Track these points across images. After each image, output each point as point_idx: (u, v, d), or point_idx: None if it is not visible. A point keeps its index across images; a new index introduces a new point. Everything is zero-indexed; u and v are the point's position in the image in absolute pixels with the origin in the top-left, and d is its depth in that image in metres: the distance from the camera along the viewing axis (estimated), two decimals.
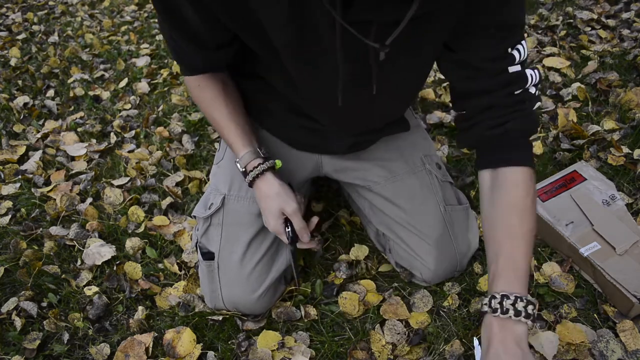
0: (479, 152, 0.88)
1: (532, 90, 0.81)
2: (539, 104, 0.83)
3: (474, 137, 0.86)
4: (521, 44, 0.77)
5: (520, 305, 0.71)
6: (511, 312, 0.71)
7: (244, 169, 0.96)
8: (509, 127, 0.80)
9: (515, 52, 0.77)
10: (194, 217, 1.14)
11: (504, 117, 0.80)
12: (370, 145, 1.11)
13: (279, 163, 0.99)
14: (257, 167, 0.95)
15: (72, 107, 2.02)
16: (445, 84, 1.85)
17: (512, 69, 0.78)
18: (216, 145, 1.70)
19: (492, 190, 0.83)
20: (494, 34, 0.75)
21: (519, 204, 0.79)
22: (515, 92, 0.79)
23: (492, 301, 0.73)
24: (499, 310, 0.72)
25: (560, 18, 2.13)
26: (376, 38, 0.68)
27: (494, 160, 0.84)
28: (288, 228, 0.98)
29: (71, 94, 2.07)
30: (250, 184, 0.97)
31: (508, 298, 0.72)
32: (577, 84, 1.71)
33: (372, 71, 0.77)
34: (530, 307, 0.72)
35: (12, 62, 2.36)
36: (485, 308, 0.74)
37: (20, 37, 2.62)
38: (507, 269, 0.75)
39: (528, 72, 0.79)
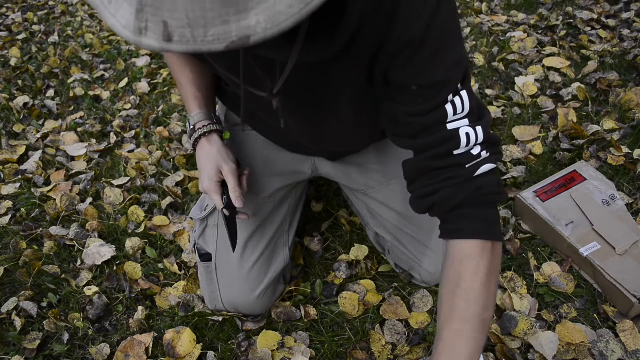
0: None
1: (476, 150, 0.69)
2: (490, 166, 0.70)
3: (412, 206, 0.78)
4: (459, 97, 0.67)
5: None
6: None
7: (192, 127, 0.95)
8: (438, 199, 0.71)
9: (448, 107, 0.67)
10: (192, 218, 1.14)
11: (432, 185, 0.72)
12: (359, 151, 1.09)
13: (227, 134, 0.99)
14: (207, 125, 0.94)
15: (72, 107, 2.02)
16: None
17: (443, 127, 0.68)
18: None
19: (444, 262, 0.73)
20: (416, 92, 0.67)
21: (462, 284, 0.68)
22: (445, 154, 0.69)
23: None
24: None
25: (560, 18, 2.13)
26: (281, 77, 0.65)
27: (442, 230, 0.75)
28: (224, 195, 0.94)
29: (71, 94, 2.07)
30: (195, 142, 0.95)
31: None
32: (577, 84, 1.71)
33: (279, 109, 0.74)
34: None
35: (12, 62, 2.35)
36: None
37: (20, 37, 2.62)
38: (444, 358, 0.66)
39: (464, 130, 0.68)
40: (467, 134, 0.68)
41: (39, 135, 1.83)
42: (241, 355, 1.07)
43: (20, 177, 1.62)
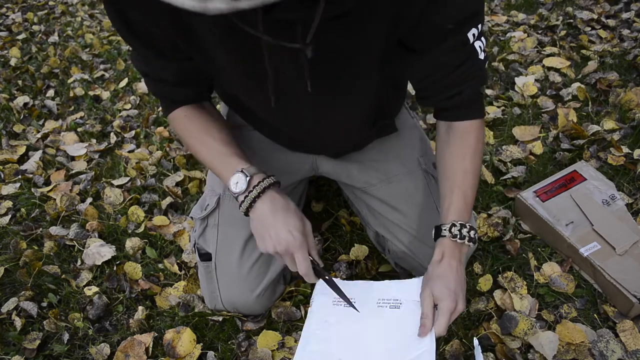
0: (437, 107, 0.94)
1: (482, 56, 0.83)
2: (486, 59, 0.86)
3: (430, 104, 0.92)
4: (477, 27, 0.78)
5: (471, 233, 0.87)
6: (465, 238, 0.86)
7: (249, 177, 0.86)
8: (464, 96, 0.86)
9: (470, 35, 0.78)
10: (192, 218, 1.14)
11: (457, 88, 0.85)
12: (361, 148, 1.10)
13: None
14: (268, 177, 0.87)
15: (72, 107, 2.02)
16: None
17: (466, 49, 0.80)
18: None
19: (447, 135, 0.91)
20: (452, 29, 0.76)
21: (470, 148, 0.89)
22: (468, 68, 0.82)
23: (453, 229, 0.86)
24: (457, 237, 0.86)
25: (560, 18, 2.13)
26: (303, 39, 0.65)
27: (449, 116, 0.91)
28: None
29: (71, 94, 2.07)
30: (260, 194, 0.86)
31: (464, 227, 0.87)
32: (577, 84, 1.71)
33: (304, 69, 0.74)
34: (472, 232, 0.88)
35: (12, 62, 2.36)
36: (446, 233, 0.87)
37: (20, 37, 2.62)
38: (460, 200, 0.88)
39: (477, 44, 0.80)
40: (480, 46, 0.81)
41: (39, 135, 1.83)
42: (241, 355, 1.07)
43: (20, 177, 1.62)
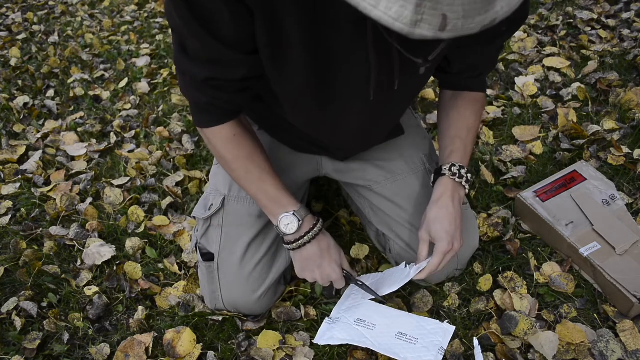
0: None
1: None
2: None
3: (449, 80, 1.03)
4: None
5: (468, 176, 0.98)
6: (463, 179, 0.97)
7: (301, 221, 0.94)
8: (484, 75, 1.01)
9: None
10: (194, 217, 1.13)
11: (482, 69, 0.99)
12: (368, 149, 1.10)
13: None
14: (317, 222, 0.97)
15: (72, 107, 2.02)
16: None
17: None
18: None
19: (455, 100, 1.02)
20: (505, 31, 0.88)
21: (476, 111, 1.02)
22: (497, 55, 0.97)
23: (453, 168, 0.97)
24: (457, 175, 0.96)
25: (560, 18, 2.13)
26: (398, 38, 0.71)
27: (457, 88, 1.03)
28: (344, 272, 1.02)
29: (71, 94, 2.07)
30: (309, 242, 0.96)
31: (463, 168, 0.98)
32: (577, 84, 1.71)
33: (394, 71, 0.80)
34: (469, 175, 0.99)
35: (12, 62, 2.35)
36: (446, 172, 0.97)
37: (20, 37, 2.62)
38: (461, 149, 1.00)
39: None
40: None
41: (39, 135, 1.83)
42: (241, 355, 1.07)
43: (20, 177, 1.62)
